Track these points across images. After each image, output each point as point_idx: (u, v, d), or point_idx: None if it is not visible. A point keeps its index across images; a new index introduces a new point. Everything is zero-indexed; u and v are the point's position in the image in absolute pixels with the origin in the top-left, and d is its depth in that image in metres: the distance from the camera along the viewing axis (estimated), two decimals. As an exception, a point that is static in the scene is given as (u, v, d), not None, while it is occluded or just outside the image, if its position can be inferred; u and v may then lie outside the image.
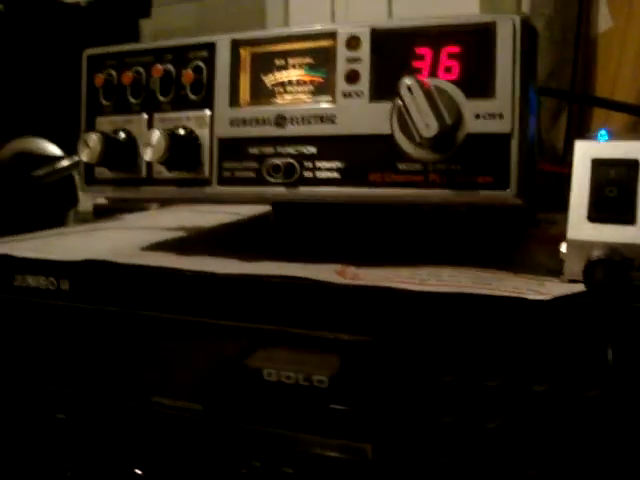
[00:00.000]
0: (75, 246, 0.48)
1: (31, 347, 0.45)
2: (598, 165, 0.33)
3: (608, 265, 0.30)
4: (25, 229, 0.54)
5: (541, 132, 0.72)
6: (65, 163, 0.50)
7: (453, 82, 0.33)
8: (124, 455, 0.42)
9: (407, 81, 0.31)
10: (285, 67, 0.37)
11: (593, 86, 0.86)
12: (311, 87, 0.37)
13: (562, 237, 0.49)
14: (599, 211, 0.33)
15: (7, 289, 0.44)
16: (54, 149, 0.81)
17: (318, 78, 0.37)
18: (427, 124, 0.31)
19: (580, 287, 0.32)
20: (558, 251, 0.36)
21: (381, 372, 0.34)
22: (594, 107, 0.85)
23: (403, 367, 0.33)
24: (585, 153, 0.34)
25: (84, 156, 0.38)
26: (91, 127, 0.42)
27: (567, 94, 0.54)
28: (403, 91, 0.31)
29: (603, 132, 0.36)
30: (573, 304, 0.31)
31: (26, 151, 0.80)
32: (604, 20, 0.86)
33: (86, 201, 0.66)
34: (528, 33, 0.33)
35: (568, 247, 0.34)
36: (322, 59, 0.36)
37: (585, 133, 0.82)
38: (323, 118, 0.35)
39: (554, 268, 0.37)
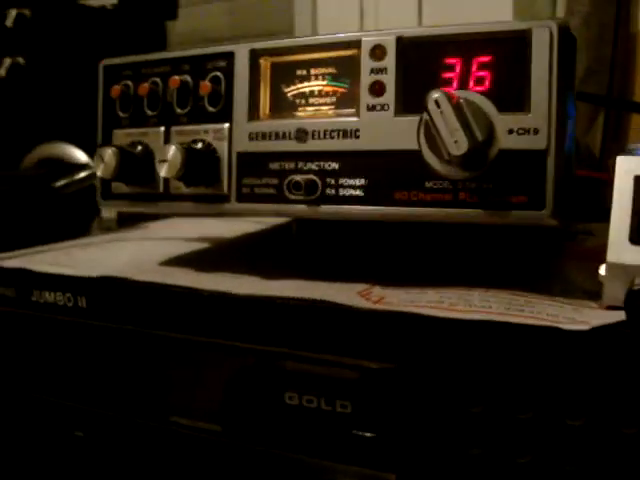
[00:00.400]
0: (95, 259, 0.47)
1: (50, 363, 0.44)
2: (642, 182, 0.31)
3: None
4: (48, 238, 0.53)
5: (576, 136, 0.69)
6: (84, 174, 0.49)
7: (484, 94, 0.31)
8: (141, 474, 0.41)
9: (434, 95, 0.29)
10: (307, 77, 0.35)
11: (632, 85, 0.83)
12: (334, 98, 0.35)
13: (600, 252, 0.47)
14: (643, 232, 0.31)
15: (25, 304, 0.43)
16: (80, 154, 0.81)
17: (341, 89, 0.35)
18: (456, 141, 0.29)
19: (620, 315, 0.30)
20: (596, 270, 0.34)
21: (407, 400, 0.32)
22: (636, 95, 0.82)
23: (430, 395, 0.31)
24: (627, 170, 0.32)
25: (99, 171, 0.37)
26: (108, 140, 0.41)
27: (604, 99, 0.51)
28: (430, 105, 0.29)
29: (647, 146, 0.34)
30: (612, 334, 0.28)
31: (52, 157, 0.80)
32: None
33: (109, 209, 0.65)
34: (566, 40, 0.31)
35: (608, 270, 0.32)
36: (345, 69, 0.34)
37: (623, 136, 0.79)
38: (346, 133, 0.33)
39: (592, 290, 0.34)
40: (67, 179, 0.48)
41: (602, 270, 0.33)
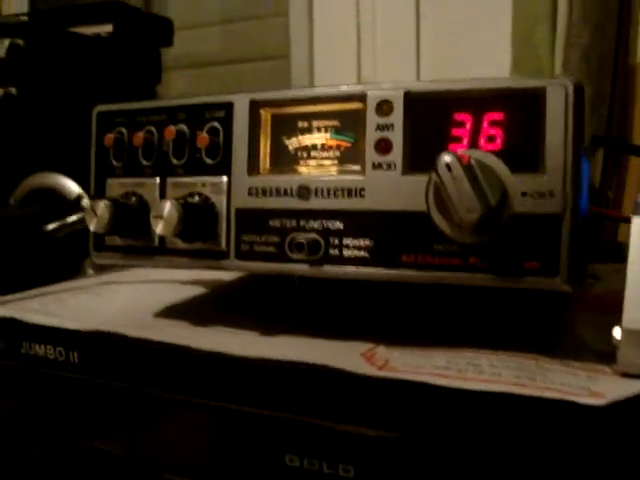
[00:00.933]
0: (87, 307, 0.45)
1: (38, 416, 0.42)
2: (659, 246, 0.30)
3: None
4: (38, 279, 0.51)
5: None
6: (77, 217, 0.48)
7: (496, 153, 0.30)
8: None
9: (446, 158, 0.28)
10: (309, 130, 0.34)
11: (631, 119, 0.82)
12: (337, 153, 0.33)
13: (608, 302, 0.45)
14: (660, 298, 0.29)
15: (13, 356, 0.41)
16: (72, 185, 0.79)
17: (345, 143, 0.33)
18: (469, 208, 0.27)
19: (638, 385, 0.28)
20: (605, 324, 0.33)
21: (411, 469, 0.30)
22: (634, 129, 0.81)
23: (434, 466, 0.30)
24: (643, 231, 0.31)
25: (92, 226, 0.35)
26: (101, 188, 0.39)
27: (604, 141, 0.50)
28: (441, 169, 0.28)
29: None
30: (632, 407, 0.27)
31: (44, 187, 0.78)
32: (643, 49, 0.82)
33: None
34: (580, 98, 0.29)
35: (624, 336, 0.31)
36: (350, 122, 0.33)
37: (622, 168, 0.78)
38: (351, 191, 0.32)
39: (603, 350, 0.33)
40: (59, 222, 0.46)
41: (616, 333, 0.31)
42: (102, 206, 0.35)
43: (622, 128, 0.81)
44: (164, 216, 0.33)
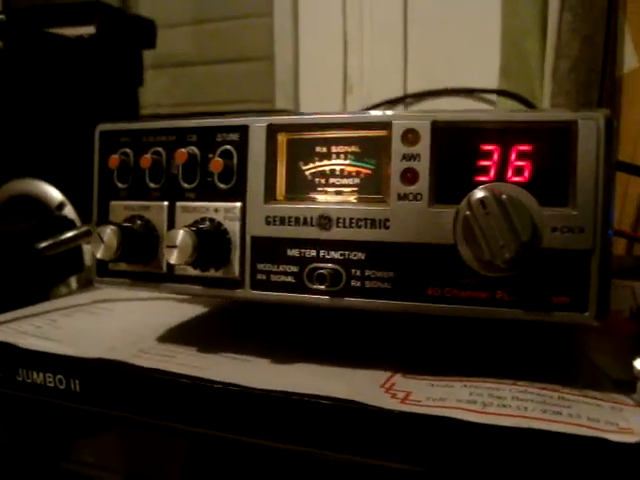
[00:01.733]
0: (83, 329, 0.43)
1: (34, 445, 0.41)
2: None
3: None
4: (29, 297, 0.50)
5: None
6: (71, 234, 0.46)
7: (524, 185, 0.29)
8: None
9: (479, 194, 0.27)
10: (328, 156, 0.33)
11: (618, 127, 0.83)
12: (357, 180, 0.33)
13: (619, 323, 0.45)
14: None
15: (8, 383, 0.39)
16: (53, 192, 0.77)
17: (366, 170, 0.32)
18: (502, 244, 0.27)
19: (667, 419, 0.28)
20: (616, 349, 0.35)
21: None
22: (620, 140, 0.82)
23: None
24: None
25: (99, 253, 0.34)
26: (104, 211, 0.37)
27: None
28: (475, 205, 0.27)
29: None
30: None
31: (24, 194, 0.76)
32: (629, 60, 0.82)
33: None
34: (610, 132, 0.29)
35: (646, 369, 0.30)
36: (370, 148, 0.32)
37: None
38: (374, 222, 0.31)
39: (623, 379, 0.33)
40: (52, 239, 0.45)
41: (638, 364, 0.31)
42: (109, 232, 0.34)
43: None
44: (178, 245, 0.32)
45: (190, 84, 1.29)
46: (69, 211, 0.75)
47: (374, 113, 0.32)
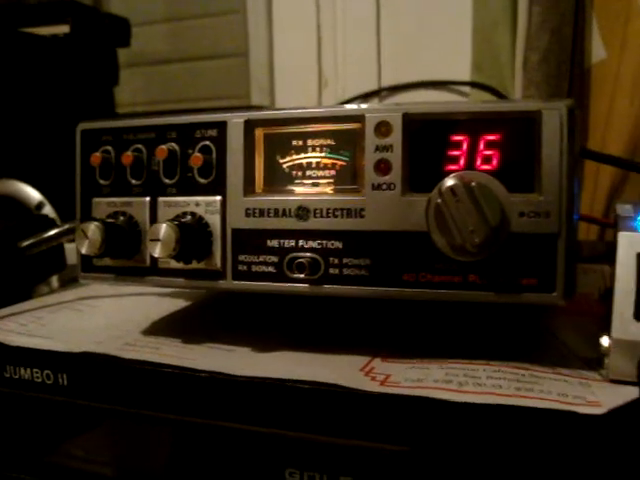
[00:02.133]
0: (70, 326, 0.44)
1: (23, 440, 0.42)
2: (645, 260, 0.31)
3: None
4: (10, 295, 0.50)
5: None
6: (53, 232, 0.46)
7: (492, 173, 0.31)
8: None
9: (450, 182, 0.28)
10: (304, 149, 0.34)
11: (587, 117, 0.85)
12: (333, 172, 0.34)
13: (585, 304, 0.47)
14: (648, 310, 0.31)
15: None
16: (32, 192, 0.77)
17: (341, 162, 0.34)
18: (472, 230, 0.28)
19: (630, 392, 0.30)
20: (583, 329, 0.37)
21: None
22: (589, 129, 0.84)
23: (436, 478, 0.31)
24: (630, 246, 0.32)
25: (84, 249, 0.34)
26: (87, 207, 0.38)
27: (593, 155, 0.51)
28: (446, 193, 0.28)
29: (640, 218, 0.34)
30: (627, 413, 0.28)
31: (2, 194, 0.76)
32: (597, 51, 0.84)
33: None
34: (573, 121, 0.30)
35: (613, 345, 0.32)
36: (345, 141, 0.33)
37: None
38: (350, 212, 0.32)
39: (590, 357, 0.35)
40: (35, 238, 0.45)
41: (604, 341, 0.33)
42: (93, 228, 0.35)
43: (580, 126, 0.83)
44: (161, 238, 0.33)
45: (165, 82, 1.29)
46: (48, 210, 0.76)
47: (348, 107, 0.33)
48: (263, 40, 1.14)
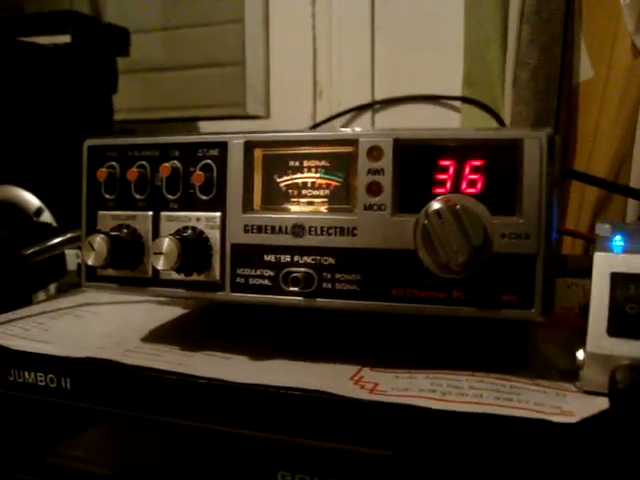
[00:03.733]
0: (71, 331, 0.46)
1: (28, 444, 0.43)
2: (618, 280, 0.33)
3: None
4: (11, 301, 0.52)
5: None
6: (56, 240, 0.48)
7: (477, 196, 0.33)
8: None
9: (436, 205, 0.30)
10: (300, 169, 0.36)
11: (575, 133, 0.88)
12: (327, 191, 0.36)
13: (565, 318, 0.49)
14: (619, 327, 0.33)
15: (1, 383, 0.42)
16: (31, 198, 0.79)
17: (335, 182, 0.36)
18: (456, 250, 0.30)
19: (601, 403, 0.32)
20: (562, 341, 0.38)
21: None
22: (576, 150, 0.87)
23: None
24: (604, 266, 0.34)
25: (90, 260, 0.36)
26: (92, 220, 0.40)
27: (577, 175, 0.54)
28: (432, 215, 0.30)
29: (619, 238, 0.36)
30: (598, 423, 0.30)
31: (1, 200, 0.78)
32: (585, 70, 0.87)
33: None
34: (552, 148, 0.32)
35: (587, 359, 0.34)
36: (339, 163, 0.35)
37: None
38: (343, 230, 0.34)
39: (567, 369, 0.37)
40: (37, 246, 0.47)
41: (580, 355, 0.35)
42: (99, 240, 0.36)
43: (566, 141, 0.86)
44: (164, 252, 0.35)
45: (162, 89, 1.31)
46: (47, 216, 0.77)
47: (343, 131, 0.35)
48: (260, 50, 1.15)
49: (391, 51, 1.02)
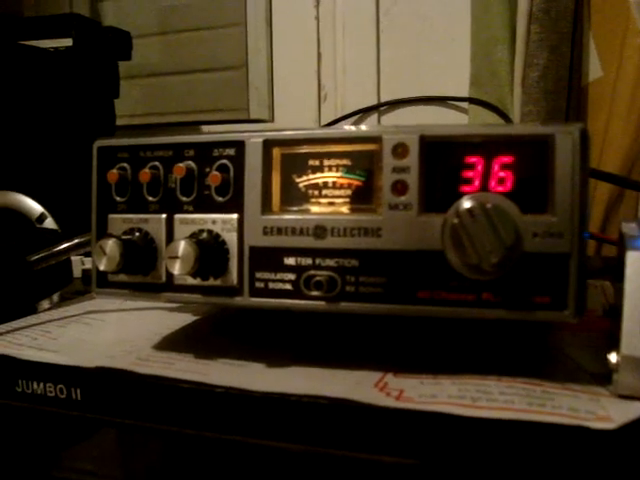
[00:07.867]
0: (79, 339, 0.44)
1: (35, 456, 0.42)
2: (653, 279, 0.32)
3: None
4: (16, 309, 0.50)
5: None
6: (63, 247, 0.47)
7: (506, 194, 0.31)
8: None
9: (467, 204, 0.29)
10: (320, 169, 0.35)
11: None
12: (349, 191, 0.34)
13: (591, 320, 0.48)
14: (656, 328, 0.31)
15: (8, 395, 0.40)
16: (33, 204, 0.77)
17: (357, 182, 0.34)
18: (489, 250, 0.29)
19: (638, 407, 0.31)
20: (590, 344, 0.38)
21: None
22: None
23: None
24: (637, 264, 0.33)
25: (101, 265, 0.35)
26: (102, 224, 0.39)
27: (610, 178, 0.52)
28: (463, 213, 0.29)
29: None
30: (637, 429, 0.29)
31: (2, 206, 0.76)
32: (594, 70, 0.86)
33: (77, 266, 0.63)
34: (585, 144, 0.31)
35: (622, 362, 0.33)
36: (361, 161, 0.34)
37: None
38: (367, 231, 0.33)
39: (598, 372, 0.35)
40: (43, 252, 0.45)
41: (613, 358, 0.33)
42: (111, 244, 0.35)
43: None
44: (180, 256, 0.33)
45: (164, 94, 1.30)
46: (50, 223, 0.76)
47: (365, 128, 0.34)
48: (263, 53, 1.15)
49: (396, 53, 1.01)
